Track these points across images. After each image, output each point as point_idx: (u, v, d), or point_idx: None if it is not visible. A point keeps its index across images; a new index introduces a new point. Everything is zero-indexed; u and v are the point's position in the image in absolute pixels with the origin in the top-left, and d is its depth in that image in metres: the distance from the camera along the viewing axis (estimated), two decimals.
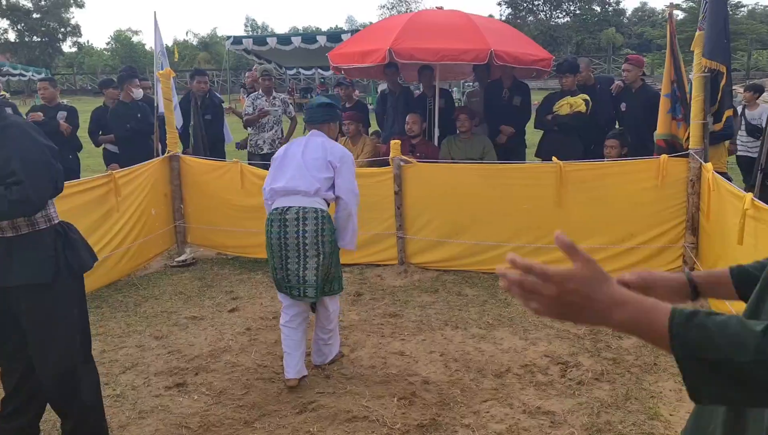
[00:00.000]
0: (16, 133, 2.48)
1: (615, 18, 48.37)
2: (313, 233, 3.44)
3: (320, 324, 3.72)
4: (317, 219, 3.45)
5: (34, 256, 2.60)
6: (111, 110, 6.95)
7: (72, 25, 53.90)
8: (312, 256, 3.45)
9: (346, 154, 3.66)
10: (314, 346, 3.76)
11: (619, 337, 4.00)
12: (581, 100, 6.01)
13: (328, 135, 3.74)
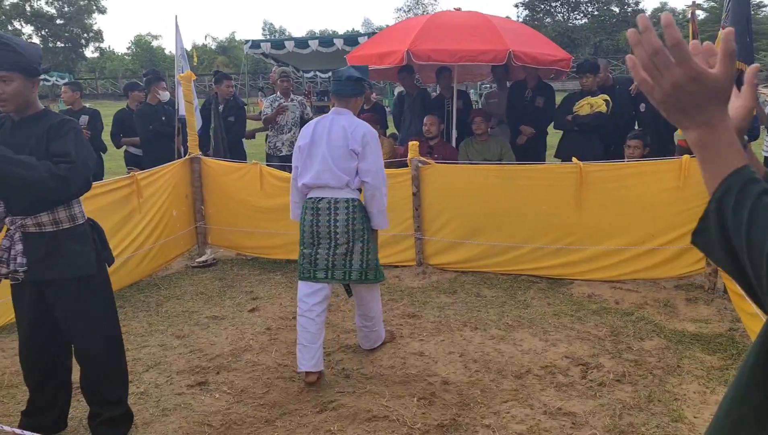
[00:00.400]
0: (76, 127, 2.62)
1: (634, 18, 47.70)
2: (344, 222, 3.56)
3: (360, 312, 3.85)
4: (348, 209, 3.57)
5: (78, 250, 2.68)
6: (137, 112, 7.05)
7: (94, 30, 54.76)
8: (342, 244, 3.57)
9: (367, 133, 3.58)
10: (359, 332, 3.93)
11: (641, 339, 3.97)
12: (602, 100, 5.97)
13: (353, 110, 3.72)
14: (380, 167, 3.63)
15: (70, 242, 2.67)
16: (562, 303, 4.65)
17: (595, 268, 5.01)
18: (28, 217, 2.63)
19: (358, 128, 3.58)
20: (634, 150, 5.49)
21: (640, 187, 4.84)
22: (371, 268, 3.66)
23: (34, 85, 2.61)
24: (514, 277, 5.20)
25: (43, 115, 2.66)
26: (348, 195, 3.58)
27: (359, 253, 3.61)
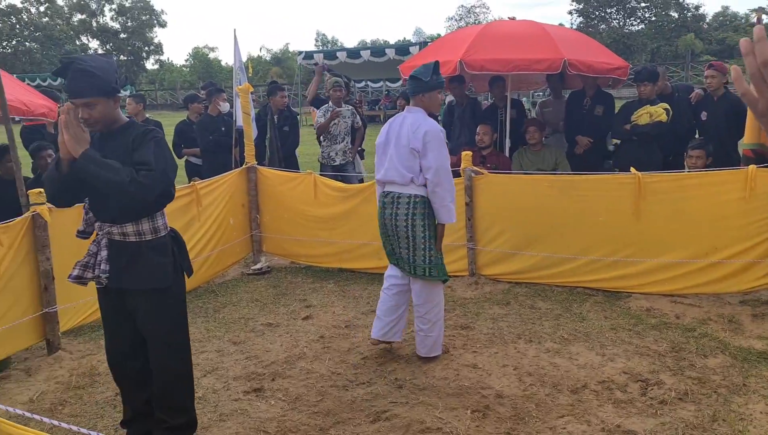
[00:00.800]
0: (157, 136, 2.72)
1: (694, 24, 46.52)
2: (404, 216, 3.78)
3: (419, 314, 3.93)
4: (409, 204, 3.77)
5: (158, 261, 2.79)
6: (198, 122, 7.28)
7: (155, 43, 56.81)
8: (403, 237, 3.81)
9: (429, 131, 3.70)
10: (417, 337, 3.99)
11: (704, 356, 3.83)
12: (662, 109, 5.80)
13: (425, 106, 3.84)
14: (441, 164, 3.71)
15: (150, 254, 2.76)
16: (620, 317, 4.54)
17: (655, 281, 4.87)
18: (115, 225, 2.74)
19: (421, 127, 3.72)
20: (697, 160, 5.32)
21: (703, 199, 4.68)
22: (435, 265, 3.82)
23: (116, 102, 2.70)
24: (570, 289, 5.10)
25: (129, 126, 2.77)
26: (412, 191, 3.77)
27: (422, 248, 3.79)
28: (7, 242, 3.83)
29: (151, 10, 55.58)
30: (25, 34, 49.86)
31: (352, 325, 4.59)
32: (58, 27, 51.08)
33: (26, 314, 4.00)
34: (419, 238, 3.77)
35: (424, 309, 3.89)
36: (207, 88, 7.88)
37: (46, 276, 4.05)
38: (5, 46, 48.26)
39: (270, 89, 7.56)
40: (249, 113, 6.17)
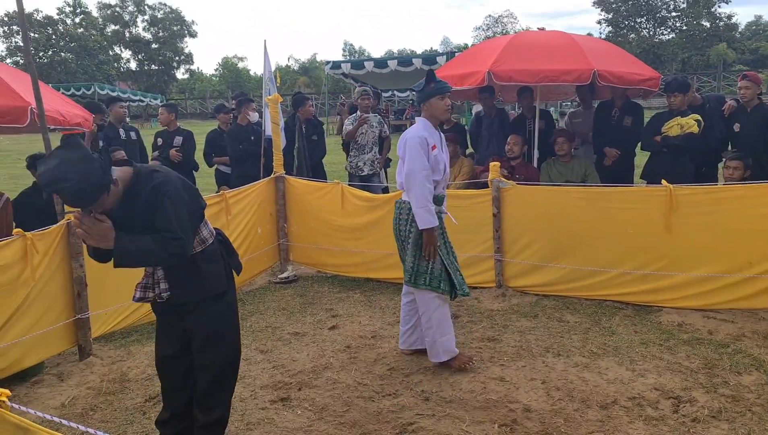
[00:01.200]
0: (169, 193, 2.61)
1: (726, 33, 45.75)
2: (396, 221, 4.00)
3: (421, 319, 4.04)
4: (399, 209, 3.98)
5: (211, 269, 2.85)
6: (228, 132, 7.39)
7: (185, 53, 57.84)
8: (400, 242, 4.02)
9: (408, 139, 3.84)
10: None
11: (738, 373, 3.74)
12: (693, 120, 5.70)
13: (430, 115, 3.93)
14: (411, 169, 3.78)
15: (203, 264, 2.82)
16: (650, 331, 4.46)
17: (686, 295, 4.78)
18: None
19: (406, 135, 3.88)
20: (734, 171, 5.21)
21: (738, 212, 4.59)
22: (419, 273, 3.88)
23: (114, 184, 2.53)
24: (599, 302, 5.03)
25: (135, 181, 2.65)
26: (404, 197, 3.95)
27: (411, 255, 3.88)
28: (43, 249, 3.92)
29: (182, 21, 56.63)
30: (60, 44, 51.18)
31: (378, 336, 4.59)
32: (92, 37, 52.28)
33: (59, 320, 4.08)
34: (409, 244, 3.89)
35: (422, 316, 3.98)
36: (237, 98, 8.00)
37: (79, 282, 4.14)
38: (41, 57, 49.56)
39: (297, 99, 7.63)
40: (278, 123, 6.24)
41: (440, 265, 3.90)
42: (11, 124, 4.36)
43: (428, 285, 3.88)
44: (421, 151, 3.78)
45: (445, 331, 3.96)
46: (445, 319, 3.99)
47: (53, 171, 2.32)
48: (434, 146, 3.86)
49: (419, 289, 3.94)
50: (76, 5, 53.44)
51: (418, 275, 3.89)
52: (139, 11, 55.78)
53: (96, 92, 32.48)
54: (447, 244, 4.03)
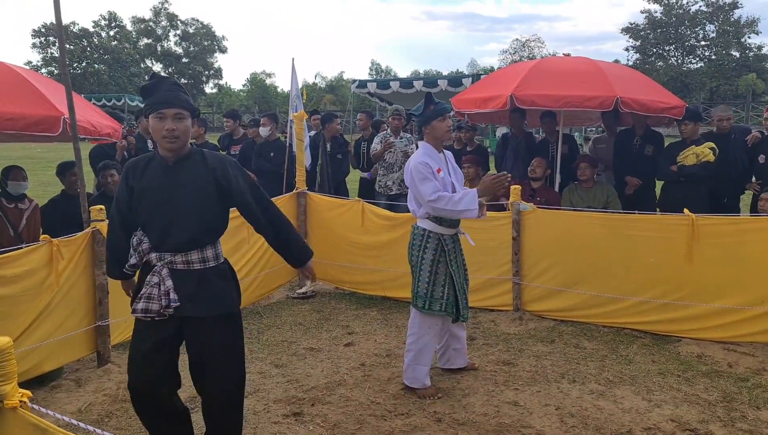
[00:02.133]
0: (234, 164, 2.91)
1: (756, 63, 45.30)
2: (409, 246, 4.02)
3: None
4: (412, 234, 4.02)
5: (223, 287, 2.80)
6: (249, 147, 7.57)
7: (215, 68, 58.90)
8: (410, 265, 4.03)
9: (410, 167, 3.84)
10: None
11: (757, 408, 3.68)
12: (707, 149, 5.71)
13: (432, 138, 3.93)
14: (423, 196, 3.74)
15: (217, 280, 2.78)
16: (668, 361, 4.40)
17: (707, 326, 4.71)
18: (179, 254, 2.72)
19: (409, 163, 3.90)
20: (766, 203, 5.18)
21: (761, 244, 4.53)
22: (435, 298, 3.88)
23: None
24: (617, 330, 4.98)
25: (195, 152, 2.80)
26: (418, 222, 3.97)
27: (425, 281, 3.89)
28: (68, 255, 4.01)
29: (212, 36, 57.74)
30: (94, 56, 52.45)
31: (393, 354, 4.59)
32: (125, 50, 53.51)
33: (80, 326, 4.16)
34: (421, 270, 3.90)
35: (410, 335, 4.00)
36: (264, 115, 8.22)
37: (101, 290, 4.22)
38: (75, 68, 50.81)
39: (325, 117, 7.74)
40: (302, 140, 6.32)
41: (453, 290, 3.91)
42: (44, 132, 4.47)
43: (443, 310, 3.89)
44: (425, 175, 3.74)
45: (425, 360, 3.95)
46: (430, 349, 3.98)
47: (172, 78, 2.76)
48: (439, 169, 3.84)
49: (416, 311, 3.93)
50: (111, 19, 54.82)
51: (433, 301, 3.87)
52: (171, 26, 57.05)
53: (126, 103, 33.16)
54: (460, 266, 4.03)
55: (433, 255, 3.86)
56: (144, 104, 2.75)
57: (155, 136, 2.68)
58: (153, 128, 2.67)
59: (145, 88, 2.70)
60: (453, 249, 3.94)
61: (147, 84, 2.69)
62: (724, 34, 45.15)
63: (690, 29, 46.39)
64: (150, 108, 2.65)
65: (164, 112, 2.63)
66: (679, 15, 46.00)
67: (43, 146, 23.76)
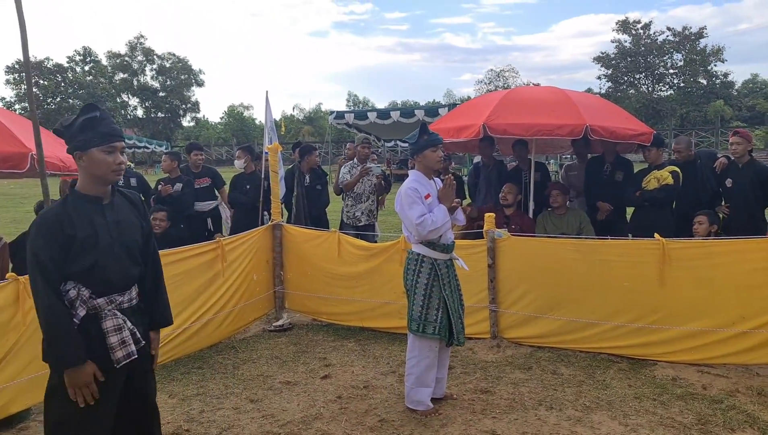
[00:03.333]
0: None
1: (723, 90, 46.65)
2: (404, 271, 4.11)
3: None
4: (407, 259, 4.11)
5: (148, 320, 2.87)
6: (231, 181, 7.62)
7: (192, 101, 58.89)
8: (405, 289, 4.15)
9: (401, 193, 3.98)
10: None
11: (731, 430, 3.70)
12: (667, 172, 5.91)
13: (423, 166, 4.09)
14: (410, 220, 3.89)
15: (144, 309, 2.83)
16: (644, 385, 4.42)
17: (680, 349, 4.75)
18: (125, 292, 2.68)
19: (399, 191, 4.03)
20: (699, 226, 5.51)
21: (730, 266, 4.61)
22: (429, 322, 3.97)
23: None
24: (593, 355, 5.00)
25: (114, 190, 2.73)
26: (412, 247, 4.09)
27: (419, 305, 3.98)
28: None
29: (189, 70, 57.90)
30: (69, 91, 52.22)
31: (370, 386, 4.55)
32: (100, 85, 53.38)
33: None
34: (415, 294, 4.00)
35: (410, 360, 4.07)
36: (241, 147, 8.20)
37: None
38: (49, 103, 50.54)
39: (304, 149, 7.74)
40: (277, 172, 6.32)
41: (446, 314, 3.99)
42: (12, 169, 4.45)
43: (436, 334, 3.98)
44: (413, 200, 3.91)
45: (427, 381, 4.03)
46: (431, 370, 4.03)
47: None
48: (428, 195, 3.98)
49: (412, 335, 4.03)
50: (86, 54, 54.75)
51: (427, 324, 3.98)
52: (147, 60, 57.12)
53: None
54: (454, 291, 4.12)
55: (427, 279, 3.98)
56: (82, 137, 2.49)
57: (100, 170, 2.51)
58: (99, 161, 2.49)
59: (91, 120, 2.50)
60: (447, 274, 4.05)
61: (92, 115, 2.50)
62: (691, 62, 46.55)
63: (658, 58, 47.77)
64: (98, 140, 2.48)
65: (115, 145, 2.53)
66: (647, 44, 47.37)
67: (15, 182, 23.45)
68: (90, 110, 2.53)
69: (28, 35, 4.07)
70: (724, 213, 6.13)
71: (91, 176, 2.53)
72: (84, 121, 2.49)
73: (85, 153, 2.49)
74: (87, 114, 2.50)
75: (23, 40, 4.00)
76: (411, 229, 3.96)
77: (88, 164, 2.50)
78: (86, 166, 2.51)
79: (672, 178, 5.86)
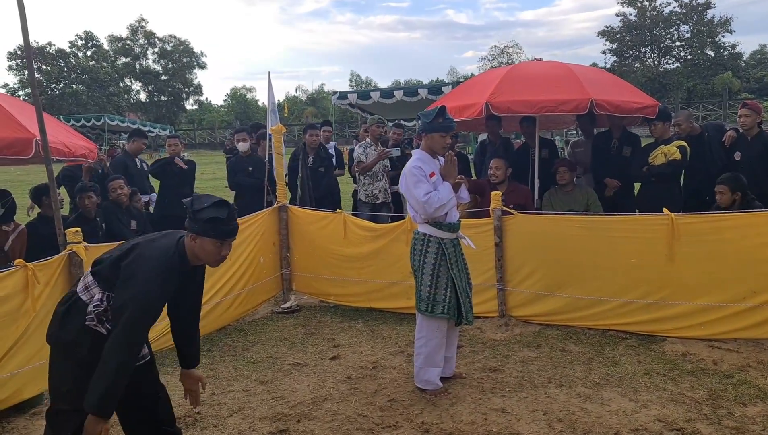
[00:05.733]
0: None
1: (731, 62, 46.00)
2: (411, 252, 4.11)
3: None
4: (413, 240, 4.10)
5: None
6: (227, 164, 7.52)
7: (194, 85, 58.65)
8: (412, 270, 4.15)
9: (406, 172, 3.99)
10: None
11: (743, 404, 3.69)
12: (675, 147, 5.79)
13: (426, 146, 4.07)
14: (416, 197, 3.89)
15: None
16: (654, 361, 4.41)
17: (690, 325, 4.73)
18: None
19: (403, 170, 4.05)
20: (721, 196, 5.30)
21: (740, 241, 4.57)
22: (437, 301, 3.97)
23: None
24: (602, 332, 4.99)
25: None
26: (418, 227, 4.08)
27: (426, 284, 3.98)
28: (44, 280, 3.94)
29: (191, 53, 57.55)
30: (72, 77, 52.03)
31: (379, 366, 4.56)
32: (103, 70, 53.15)
33: None
34: (423, 274, 4.00)
35: (419, 339, 4.07)
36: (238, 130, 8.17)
37: None
38: (53, 89, 50.42)
39: (304, 129, 7.72)
40: (281, 153, 6.29)
41: (454, 293, 3.99)
42: (16, 155, 4.42)
43: (445, 313, 3.98)
44: (418, 178, 3.91)
45: (437, 361, 4.04)
46: (440, 349, 4.04)
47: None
48: (432, 174, 3.97)
49: (420, 315, 4.03)
50: (88, 38, 54.47)
51: (436, 304, 3.97)
52: (149, 44, 56.79)
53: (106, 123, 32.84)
54: (462, 270, 4.10)
55: (434, 259, 3.98)
56: (205, 226, 2.67)
57: (206, 257, 2.73)
58: (207, 250, 2.70)
59: (216, 219, 2.67)
60: (454, 253, 4.04)
61: (220, 217, 2.67)
62: (698, 34, 45.84)
63: (665, 30, 47.05)
64: (219, 234, 2.68)
65: (229, 242, 2.76)
66: (653, 17, 46.64)
67: (22, 168, 23.49)
68: (221, 207, 2.70)
69: (28, 21, 4.03)
70: None
71: (197, 257, 2.74)
72: (212, 217, 2.66)
73: (200, 238, 2.68)
74: (217, 211, 2.68)
75: (23, 25, 3.96)
76: (417, 207, 3.95)
77: (198, 246, 2.70)
78: (196, 247, 2.71)
79: (680, 152, 5.77)
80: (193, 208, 2.70)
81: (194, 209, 2.69)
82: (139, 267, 2.59)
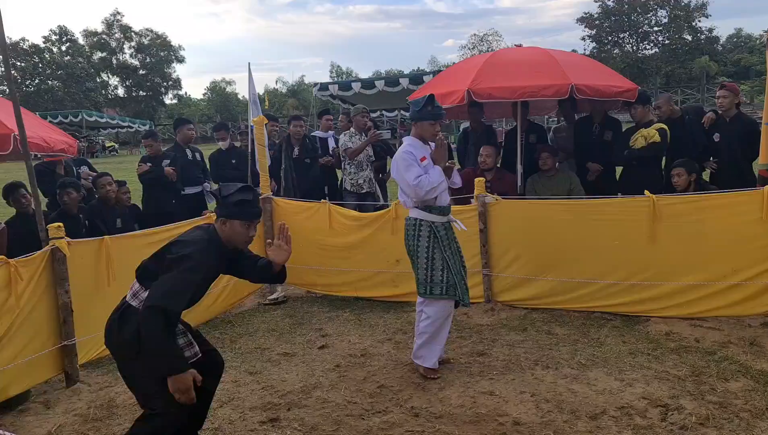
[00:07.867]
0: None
1: (708, 46, 46.44)
2: (405, 238, 4.16)
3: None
4: (406, 225, 4.16)
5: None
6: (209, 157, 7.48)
7: (173, 79, 58.04)
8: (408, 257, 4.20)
9: (397, 157, 4.07)
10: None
11: (725, 380, 3.76)
12: (654, 130, 5.86)
13: (416, 134, 4.12)
14: (407, 182, 3.96)
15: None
16: (638, 341, 4.48)
17: (673, 304, 4.81)
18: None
19: (395, 156, 4.12)
20: (678, 178, 5.45)
21: (720, 220, 4.65)
22: (435, 282, 4.03)
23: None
24: (587, 314, 5.06)
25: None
26: (410, 213, 4.13)
27: (422, 268, 4.05)
28: (27, 276, 3.90)
29: (169, 47, 56.90)
30: (47, 72, 51.22)
31: (367, 354, 4.58)
32: (79, 65, 52.38)
33: (45, 347, 4.05)
34: (418, 258, 4.05)
35: (424, 320, 4.11)
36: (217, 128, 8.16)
37: (64, 309, 4.11)
38: (28, 85, 49.62)
39: (288, 120, 7.71)
40: (263, 145, 6.25)
41: (452, 274, 4.04)
42: None
43: (445, 293, 4.04)
44: (409, 163, 3.96)
45: (441, 339, 4.13)
46: (445, 331, 4.14)
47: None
48: (423, 158, 4.03)
49: (423, 298, 4.07)
50: (62, 33, 53.60)
51: (434, 286, 4.04)
52: (125, 38, 56.03)
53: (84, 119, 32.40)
54: (455, 253, 4.16)
55: (427, 242, 4.04)
56: (233, 210, 2.93)
57: (237, 238, 2.97)
58: (237, 231, 2.95)
59: (244, 201, 2.94)
60: (446, 236, 4.10)
61: (247, 198, 2.96)
62: (675, 18, 46.15)
63: (642, 16, 47.31)
64: (247, 216, 2.95)
65: (256, 223, 3.03)
66: (630, 2, 46.89)
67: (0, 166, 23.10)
68: (246, 191, 2.98)
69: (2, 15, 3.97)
70: (713, 168, 6.16)
71: (229, 240, 2.99)
72: (239, 200, 2.93)
73: (230, 221, 2.94)
74: (244, 195, 2.96)
75: None
76: (408, 191, 4.00)
77: (229, 228, 2.95)
78: (227, 229, 2.96)
79: (659, 135, 5.83)
80: (222, 194, 2.96)
81: (223, 195, 2.95)
82: (187, 245, 2.81)
